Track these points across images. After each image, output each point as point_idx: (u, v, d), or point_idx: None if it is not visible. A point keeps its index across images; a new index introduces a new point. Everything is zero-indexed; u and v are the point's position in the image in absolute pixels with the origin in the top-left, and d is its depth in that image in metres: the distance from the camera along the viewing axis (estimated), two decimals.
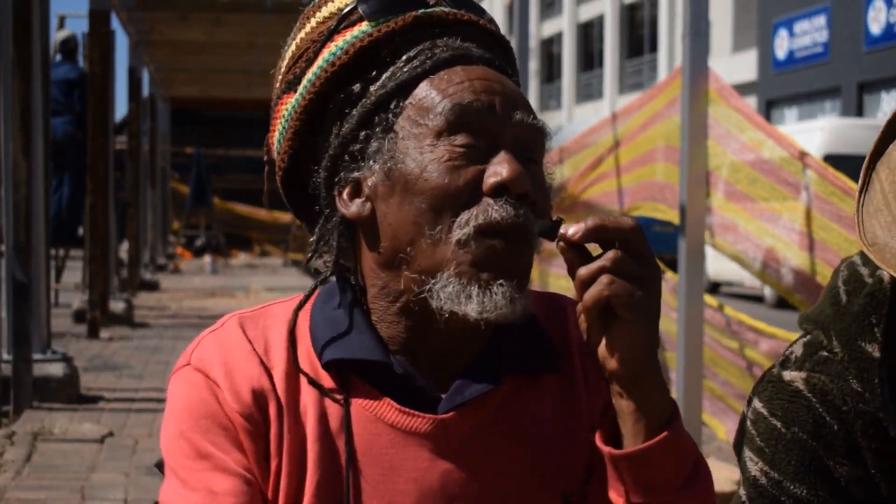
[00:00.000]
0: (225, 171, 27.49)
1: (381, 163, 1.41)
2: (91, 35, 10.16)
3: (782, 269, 4.93)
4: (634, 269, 1.32)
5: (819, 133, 16.10)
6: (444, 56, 1.43)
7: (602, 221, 1.32)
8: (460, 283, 1.36)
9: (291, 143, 1.51)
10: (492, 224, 1.36)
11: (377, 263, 1.44)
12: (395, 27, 1.44)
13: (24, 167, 6.64)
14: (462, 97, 1.40)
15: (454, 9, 1.48)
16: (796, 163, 4.81)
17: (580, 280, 1.33)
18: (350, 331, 1.44)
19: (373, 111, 1.43)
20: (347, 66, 1.44)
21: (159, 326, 11.00)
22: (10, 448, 5.63)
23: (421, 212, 1.38)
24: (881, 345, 1.60)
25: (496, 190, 1.38)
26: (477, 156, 1.39)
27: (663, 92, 6.16)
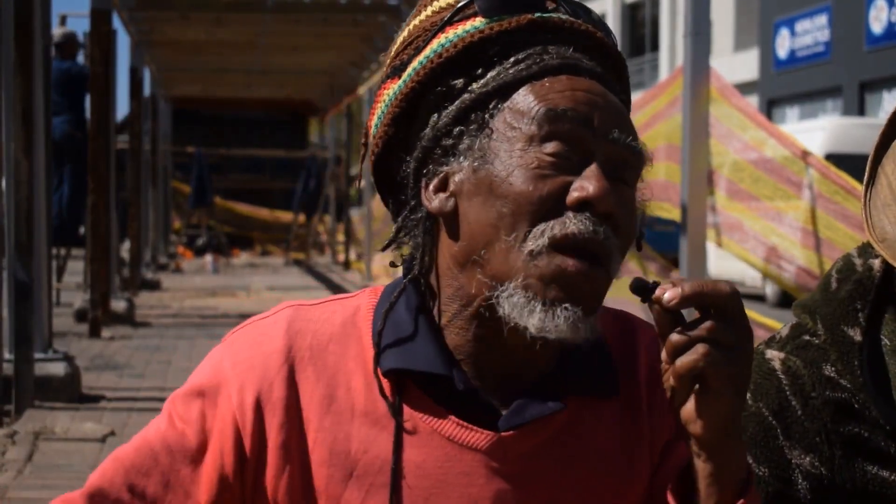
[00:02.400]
0: (226, 170, 27.50)
1: (471, 160, 1.38)
2: (92, 34, 10.16)
3: (789, 267, 4.93)
4: (730, 339, 1.28)
5: (820, 132, 16.09)
6: (552, 63, 1.39)
7: (700, 288, 1.28)
8: (526, 295, 1.33)
9: (388, 128, 1.47)
10: (567, 238, 1.32)
11: (454, 263, 1.41)
12: (508, 27, 1.40)
13: (26, 166, 6.64)
14: (558, 104, 1.36)
15: (571, 16, 1.44)
16: (798, 162, 4.82)
17: (673, 346, 1.29)
18: (414, 337, 1.41)
19: (471, 108, 1.39)
20: (454, 60, 1.41)
21: (161, 326, 11.00)
22: (11, 447, 5.63)
23: (501, 216, 1.35)
24: (863, 329, 1.63)
25: (579, 205, 1.33)
26: (566, 167, 1.35)
27: (665, 91, 6.17)
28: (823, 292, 1.70)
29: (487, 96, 1.38)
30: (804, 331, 1.70)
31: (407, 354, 1.39)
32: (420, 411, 1.40)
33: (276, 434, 1.39)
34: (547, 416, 1.40)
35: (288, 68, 20.76)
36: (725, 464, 1.31)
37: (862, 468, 1.62)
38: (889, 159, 1.61)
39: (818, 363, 1.65)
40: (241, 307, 12.92)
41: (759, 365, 1.70)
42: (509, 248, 1.34)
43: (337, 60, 19.05)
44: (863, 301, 1.65)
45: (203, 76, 22.58)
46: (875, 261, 1.66)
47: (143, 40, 16.11)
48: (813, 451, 1.63)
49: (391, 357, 1.40)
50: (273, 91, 24.98)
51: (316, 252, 24.26)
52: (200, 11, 14.72)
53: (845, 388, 1.63)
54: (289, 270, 20.46)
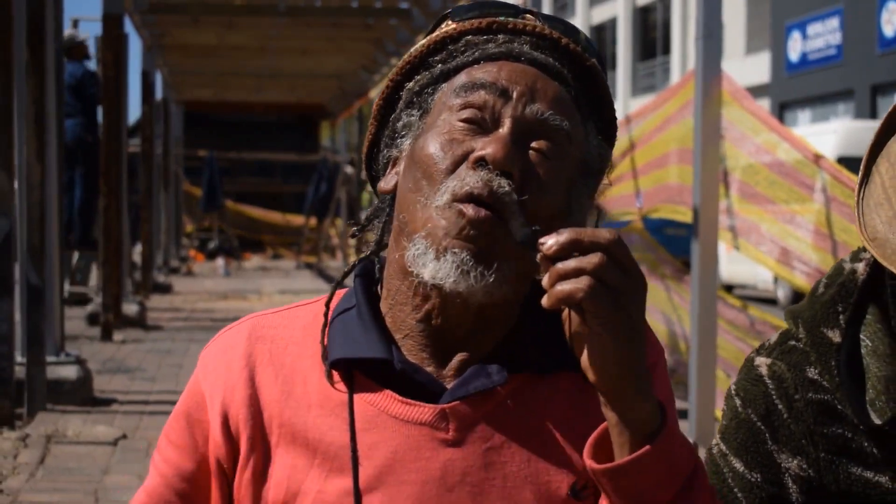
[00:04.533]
0: (237, 173, 27.53)
1: (411, 139, 1.49)
2: (104, 38, 10.18)
3: (805, 269, 4.93)
4: (617, 279, 1.27)
5: (832, 135, 16.06)
6: (493, 51, 1.48)
7: (577, 235, 1.27)
8: (425, 244, 1.40)
9: (372, 128, 1.58)
10: (463, 192, 1.39)
11: (393, 238, 1.50)
12: (468, 27, 1.51)
13: (38, 171, 6.66)
14: (479, 77, 1.46)
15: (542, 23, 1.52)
16: (811, 165, 4.81)
17: (556, 273, 1.27)
18: (360, 326, 1.48)
19: (418, 92, 1.50)
20: (422, 59, 1.52)
21: (172, 329, 11.02)
22: (23, 450, 5.64)
23: (416, 180, 1.44)
24: (842, 331, 1.66)
25: (476, 162, 1.41)
26: (479, 133, 1.44)
27: (677, 94, 6.16)
28: (810, 297, 1.73)
29: (432, 81, 1.50)
30: (789, 336, 1.72)
31: (350, 344, 1.47)
32: (368, 394, 1.46)
33: (243, 429, 1.47)
34: (491, 388, 1.44)
35: (299, 72, 20.80)
36: (627, 413, 1.31)
37: (846, 469, 1.64)
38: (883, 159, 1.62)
39: (801, 366, 1.68)
40: (252, 311, 12.90)
41: (747, 372, 1.73)
42: (421, 207, 1.42)
43: (348, 64, 19.07)
44: (844, 303, 1.67)
45: (214, 80, 22.63)
46: (859, 264, 1.69)
47: (154, 44, 16.14)
48: (800, 454, 1.66)
49: (337, 349, 1.47)
50: (284, 94, 25.02)
51: (327, 255, 24.27)
52: (212, 15, 14.76)
53: (827, 390, 1.65)
54: (300, 274, 20.47)
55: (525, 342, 1.48)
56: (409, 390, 1.45)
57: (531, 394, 1.47)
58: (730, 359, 5.61)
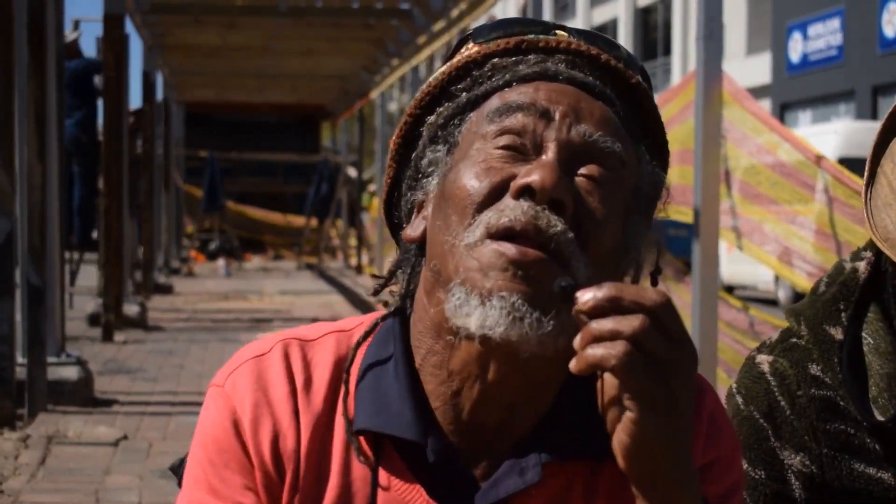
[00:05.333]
0: (238, 174, 27.51)
1: (439, 178, 1.30)
2: (105, 39, 10.18)
3: (809, 269, 4.93)
4: (660, 348, 1.10)
5: (833, 136, 16.06)
6: (525, 72, 1.30)
7: (618, 292, 1.11)
8: (465, 291, 1.21)
9: (391, 169, 1.39)
10: (502, 225, 1.21)
11: (424, 292, 1.30)
12: (494, 49, 1.33)
13: (39, 171, 6.66)
14: (515, 100, 1.28)
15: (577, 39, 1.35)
16: (812, 166, 4.81)
17: (590, 334, 1.10)
18: (391, 391, 1.29)
19: (442, 125, 1.32)
20: (443, 88, 1.34)
21: (173, 330, 11.01)
22: (24, 451, 5.64)
23: (446, 217, 1.25)
24: (844, 328, 1.66)
25: (520, 192, 1.22)
26: (519, 160, 1.25)
27: (678, 96, 6.16)
28: (811, 296, 1.74)
29: (458, 111, 1.32)
30: (791, 334, 1.73)
31: (382, 413, 1.28)
32: (394, 476, 1.29)
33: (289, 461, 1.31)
34: (523, 490, 1.27)
35: (300, 72, 20.80)
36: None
37: (849, 465, 1.64)
38: (887, 159, 1.63)
39: (803, 363, 1.68)
40: (253, 311, 12.93)
41: (749, 369, 1.73)
42: (452, 248, 1.23)
43: (349, 64, 19.08)
44: (846, 301, 1.68)
45: (215, 80, 22.64)
46: (860, 263, 1.70)
47: (155, 44, 16.14)
48: (803, 450, 1.66)
49: (366, 415, 1.29)
50: (285, 95, 25.02)
51: (328, 256, 24.27)
52: (213, 15, 14.76)
53: (829, 386, 1.67)
54: (301, 274, 20.46)
55: (566, 422, 1.30)
56: (438, 483, 1.28)
57: (570, 491, 1.29)
58: (729, 361, 5.60)
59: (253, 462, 1.30)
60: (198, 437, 1.35)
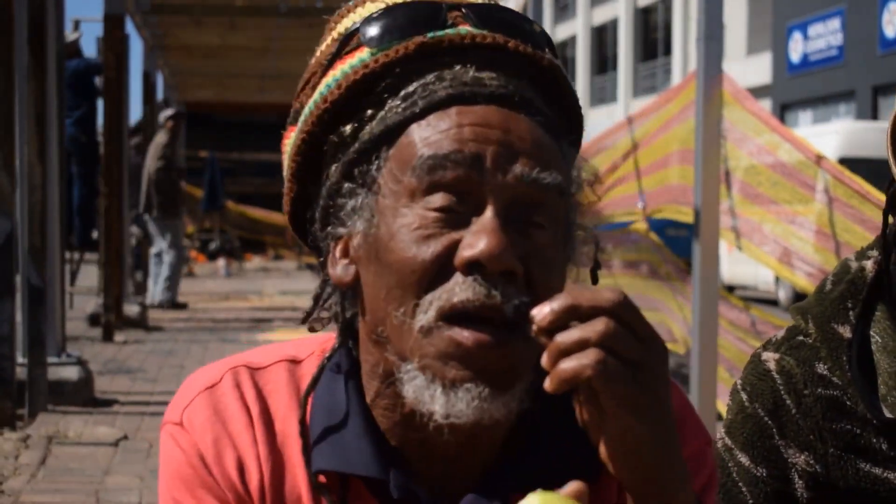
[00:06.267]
0: (239, 174, 27.52)
1: (363, 222, 1.21)
2: (106, 39, 10.19)
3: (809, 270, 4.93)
4: (633, 350, 1.04)
5: (834, 136, 16.06)
6: (440, 96, 1.18)
7: (574, 299, 1.04)
8: (425, 377, 1.15)
9: (292, 185, 1.31)
10: (455, 307, 1.13)
11: (366, 336, 1.25)
12: (394, 57, 1.20)
13: (40, 171, 6.66)
14: (441, 147, 1.16)
15: (478, 27, 1.22)
16: (813, 166, 4.81)
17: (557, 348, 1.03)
18: (347, 426, 1.25)
19: (356, 160, 1.21)
20: (341, 103, 1.23)
21: (173, 330, 11.02)
22: (24, 451, 5.64)
23: (389, 288, 1.17)
24: (853, 326, 1.66)
25: (468, 266, 1.14)
26: (456, 221, 1.16)
27: (679, 95, 6.16)
28: (818, 294, 1.74)
29: (372, 145, 1.20)
30: (798, 332, 1.73)
31: (339, 451, 1.24)
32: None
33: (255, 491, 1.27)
34: None
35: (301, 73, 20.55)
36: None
37: (854, 465, 1.64)
38: None
39: (810, 361, 1.68)
40: (253, 311, 12.93)
41: (755, 367, 1.72)
42: (401, 325, 1.17)
43: None
44: (854, 300, 1.68)
45: (216, 80, 22.63)
46: (867, 262, 1.70)
47: (156, 45, 16.15)
48: (808, 449, 1.66)
49: (323, 453, 1.24)
50: (286, 95, 24.98)
51: None
52: (214, 16, 14.76)
53: (836, 386, 1.66)
54: (301, 274, 20.47)
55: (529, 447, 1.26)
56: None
57: None
58: (732, 358, 5.61)
59: (226, 493, 1.26)
60: (166, 479, 1.29)
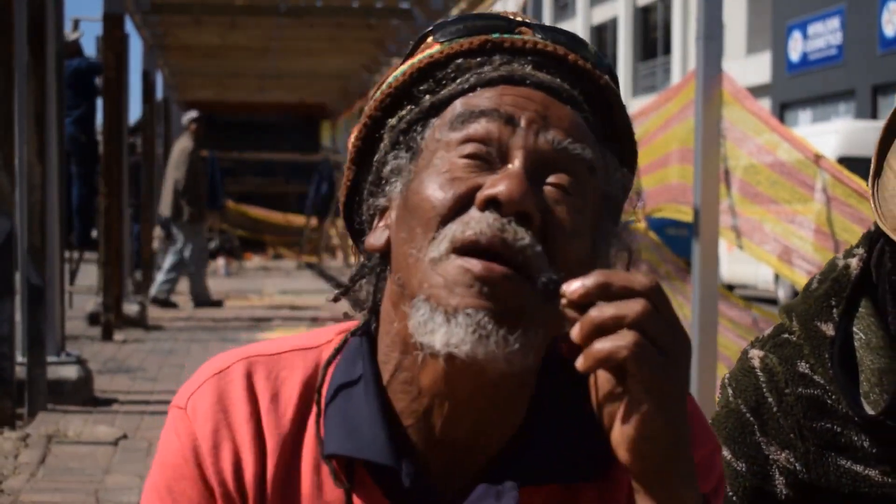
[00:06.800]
0: (239, 174, 27.52)
1: (401, 186, 1.25)
2: (105, 39, 10.19)
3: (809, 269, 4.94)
4: (666, 335, 1.06)
5: (833, 136, 16.06)
6: (489, 76, 1.25)
7: (607, 278, 1.07)
8: (429, 307, 1.17)
9: (349, 172, 1.34)
10: (467, 239, 1.16)
11: (390, 304, 1.26)
12: (458, 49, 1.27)
13: (39, 170, 6.66)
14: (478, 105, 1.23)
15: (543, 38, 1.28)
16: (812, 165, 4.81)
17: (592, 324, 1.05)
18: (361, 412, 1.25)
19: (404, 131, 1.27)
20: (404, 89, 1.28)
21: (173, 329, 11.02)
22: (24, 450, 5.64)
23: (410, 229, 1.21)
24: (836, 324, 1.68)
25: (486, 204, 1.17)
26: (485, 169, 1.21)
27: (678, 95, 6.16)
28: (804, 292, 1.76)
29: (421, 116, 1.26)
30: (783, 330, 1.75)
31: (354, 436, 1.24)
32: (368, 500, 1.24)
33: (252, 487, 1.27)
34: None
35: (301, 72, 20.81)
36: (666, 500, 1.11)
37: (835, 463, 1.66)
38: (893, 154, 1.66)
39: (793, 360, 1.70)
40: (253, 311, 12.93)
41: (742, 362, 1.75)
42: (416, 261, 1.19)
43: (349, 64, 19.07)
44: (838, 297, 1.69)
45: (216, 80, 22.64)
46: (853, 259, 1.72)
47: (156, 44, 16.15)
48: (788, 447, 1.67)
49: (337, 439, 1.25)
50: (286, 95, 25.03)
51: (328, 255, 24.28)
52: (214, 15, 14.76)
53: (818, 385, 1.68)
54: (301, 274, 20.47)
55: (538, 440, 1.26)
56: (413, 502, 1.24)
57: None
58: (733, 357, 5.62)
59: (214, 490, 1.26)
60: (158, 459, 1.31)
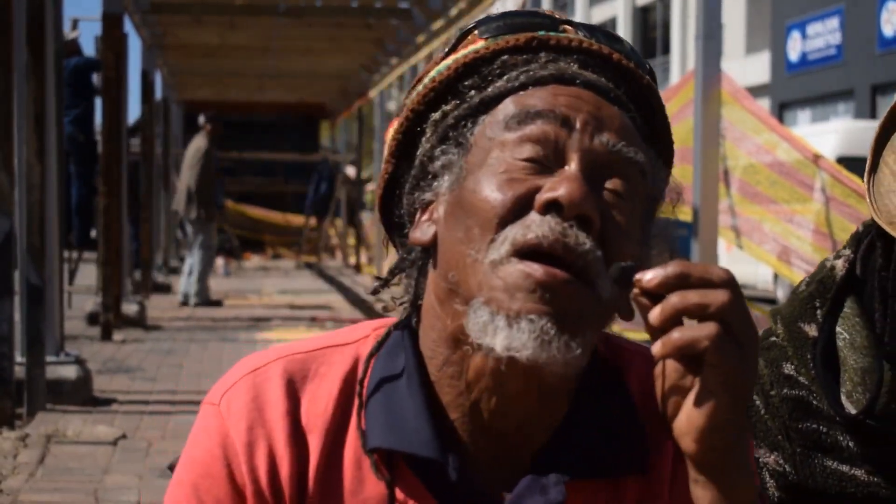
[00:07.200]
0: (238, 173, 27.52)
1: (450, 181, 1.25)
2: (104, 38, 10.18)
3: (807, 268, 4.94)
4: (743, 328, 1.09)
5: (832, 135, 16.05)
6: (540, 74, 1.25)
7: (686, 268, 1.10)
8: (490, 310, 1.17)
9: (388, 165, 1.33)
10: (528, 242, 1.16)
11: (436, 299, 1.26)
12: (504, 45, 1.28)
13: (38, 170, 6.65)
14: (534, 105, 1.23)
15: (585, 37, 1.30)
16: (811, 165, 4.82)
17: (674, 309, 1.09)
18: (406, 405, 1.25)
19: (452, 126, 1.27)
20: (448, 84, 1.29)
21: (172, 329, 11.01)
22: (23, 450, 5.64)
23: (467, 229, 1.20)
24: (819, 325, 1.69)
25: (546, 206, 1.18)
26: (540, 171, 1.21)
27: (677, 94, 6.17)
28: (791, 294, 1.77)
29: (471, 112, 1.27)
30: (769, 333, 1.76)
31: (397, 430, 1.24)
32: (410, 494, 1.24)
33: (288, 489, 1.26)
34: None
35: (300, 72, 20.82)
36: (729, 489, 1.14)
37: (821, 463, 1.66)
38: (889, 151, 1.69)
39: (778, 362, 1.71)
40: (252, 310, 12.93)
41: None
42: (474, 262, 1.19)
43: (349, 64, 19.08)
44: (822, 298, 1.70)
45: (215, 79, 22.64)
46: (838, 261, 1.73)
47: (155, 44, 16.15)
48: (776, 449, 1.68)
49: (380, 432, 1.25)
50: (285, 94, 25.03)
51: (327, 255, 24.28)
52: (213, 15, 14.76)
53: (802, 385, 1.69)
54: (300, 274, 20.47)
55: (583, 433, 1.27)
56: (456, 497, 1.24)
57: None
58: None
59: (245, 489, 1.26)
60: (187, 455, 1.30)
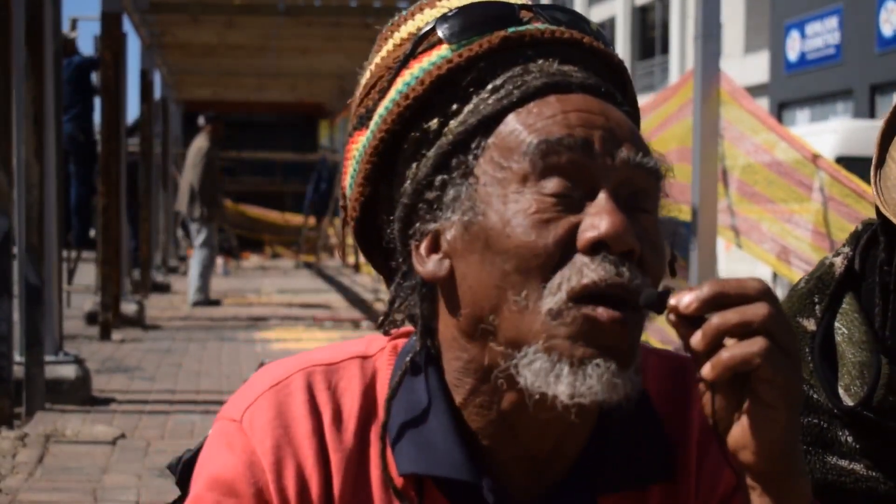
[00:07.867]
0: (237, 173, 27.52)
1: (460, 213, 1.19)
2: (103, 37, 10.18)
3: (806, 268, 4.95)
4: (788, 337, 1.08)
5: (831, 135, 16.06)
6: (535, 84, 1.19)
7: (721, 287, 1.09)
8: (550, 359, 1.14)
9: (363, 189, 1.28)
10: (587, 288, 1.13)
11: (460, 332, 1.22)
12: (478, 51, 1.21)
13: (37, 169, 6.65)
14: (551, 132, 1.16)
15: (552, 24, 1.24)
16: (809, 165, 4.82)
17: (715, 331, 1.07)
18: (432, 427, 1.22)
19: (451, 152, 1.20)
20: (423, 99, 1.22)
21: (171, 328, 11.01)
22: (22, 450, 5.64)
23: (505, 274, 1.16)
24: (818, 320, 1.69)
25: (593, 247, 1.14)
26: (572, 204, 1.16)
27: (676, 94, 6.17)
28: (790, 291, 1.78)
29: (467, 135, 1.20)
30: None
31: (427, 453, 1.21)
32: None
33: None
34: None
35: (299, 71, 20.81)
36: (787, 495, 1.14)
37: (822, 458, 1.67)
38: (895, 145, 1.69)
39: None
40: (251, 310, 12.93)
41: None
42: (522, 310, 1.15)
43: (347, 63, 19.05)
44: (821, 294, 1.71)
45: (214, 79, 22.63)
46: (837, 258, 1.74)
47: (154, 43, 16.14)
48: None
49: (408, 456, 1.22)
50: (284, 94, 25.02)
51: (326, 255, 24.29)
52: (212, 14, 14.74)
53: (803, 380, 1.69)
54: (299, 273, 20.47)
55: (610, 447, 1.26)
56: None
57: None
58: None
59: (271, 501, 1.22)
60: (206, 473, 1.25)
